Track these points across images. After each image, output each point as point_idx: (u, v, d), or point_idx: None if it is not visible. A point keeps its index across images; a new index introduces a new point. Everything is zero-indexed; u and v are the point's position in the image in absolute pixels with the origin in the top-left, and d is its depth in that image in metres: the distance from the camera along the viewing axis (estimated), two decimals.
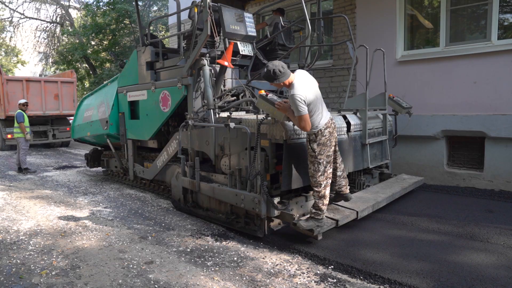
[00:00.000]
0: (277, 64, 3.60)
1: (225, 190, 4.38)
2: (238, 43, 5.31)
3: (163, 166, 5.83)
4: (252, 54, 5.57)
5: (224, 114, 4.65)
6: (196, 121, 4.88)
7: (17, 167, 8.72)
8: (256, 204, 3.93)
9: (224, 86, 5.44)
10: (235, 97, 5.39)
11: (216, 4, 5.17)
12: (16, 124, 8.72)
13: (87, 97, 8.27)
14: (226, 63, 4.80)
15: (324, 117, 3.75)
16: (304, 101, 3.49)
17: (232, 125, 4.13)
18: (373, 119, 5.46)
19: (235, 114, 4.72)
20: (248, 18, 5.50)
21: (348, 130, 4.83)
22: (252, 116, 4.45)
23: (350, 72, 5.67)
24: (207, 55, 5.08)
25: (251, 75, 5.69)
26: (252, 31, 5.48)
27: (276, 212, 3.93)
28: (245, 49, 5.40)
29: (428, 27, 6.60)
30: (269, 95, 3.83)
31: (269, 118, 3.92)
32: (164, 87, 5.60)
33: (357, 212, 4.23)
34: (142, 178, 6.64)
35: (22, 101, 9.10)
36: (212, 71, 5.01)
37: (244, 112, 5.16)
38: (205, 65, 4.90)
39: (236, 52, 5.28)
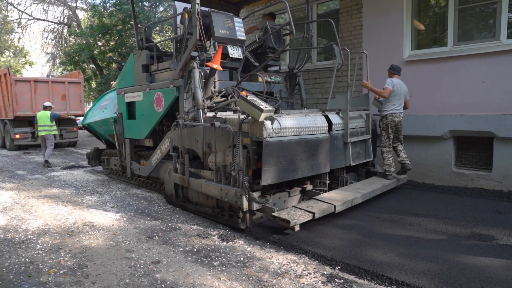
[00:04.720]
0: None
1: (211, 185, 4.61)
2: (228, 46, 5.50)
3: (157, 163, 6.05)
4: (242, 57, 5.75)
5: (211, 114, 4.84)
6: (186, 120, 5.13)
7: (44, 161, 9.46)
8: (238, 198, 4.15)
9: (214, 87, 5.62)
10: (225, 98, 5.55)
11: (206, 10, 5.36)
12: (42, 123, 9.52)
13: (109, 92, 8.82)
14: (215, 66, 5.01)
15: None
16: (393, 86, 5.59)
17: (217, 124, 4.37)
18: (356, 118, 5.64)
19: (222, 114, 4.93)
20: (238, 22, 5.69)
21: (330, 129, 4.98)
22: (236, 116, 4.63)
23: (333, 74, 5.75)
24: (197, 58, 5.29)
25: (241, 76, 5.88)
26: (241, 35, 5.67)
27: (257, 206, 4.18)
28: (234, 52, 5.60)
29: (420, 28, 6.58)
30: (249, 96, 4.11)
31: (250, 117, 4.13)
32: (158, 88, 5.84)
33: (334, 206, 4.42)
34: (140, 175, 6.89)
35: (47, 103, 10.05)
36: (202, 73, 5.19)
37: (232, 112, 5.33)
38: (194, 67, 5.08)
39: (226, 55, 5.47)
